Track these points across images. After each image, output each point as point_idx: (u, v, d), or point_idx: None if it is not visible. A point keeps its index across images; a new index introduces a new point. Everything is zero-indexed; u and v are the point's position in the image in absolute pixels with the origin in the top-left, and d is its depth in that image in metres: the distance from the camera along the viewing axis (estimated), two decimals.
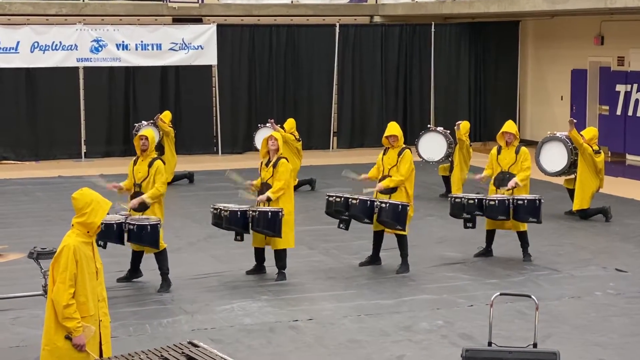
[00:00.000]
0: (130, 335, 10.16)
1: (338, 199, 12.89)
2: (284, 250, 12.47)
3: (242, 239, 12.45)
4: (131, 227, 11.60)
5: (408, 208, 12.61)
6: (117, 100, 24.44)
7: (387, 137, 13.02)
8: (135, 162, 12.12)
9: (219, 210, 12.42)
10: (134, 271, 12.30)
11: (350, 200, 12.75)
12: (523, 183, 13.32)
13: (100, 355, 7.32)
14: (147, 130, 12.31)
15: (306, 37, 25.75)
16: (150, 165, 11.95)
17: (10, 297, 10.39)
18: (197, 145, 24.91)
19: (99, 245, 11.43)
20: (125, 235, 11.65)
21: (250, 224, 12.21)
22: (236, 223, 12.25)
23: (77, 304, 7.19)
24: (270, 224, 12.05)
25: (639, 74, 23.09)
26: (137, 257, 12.24)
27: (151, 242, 11.72)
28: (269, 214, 12.05)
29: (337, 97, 26.01)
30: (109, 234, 11.56)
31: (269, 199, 12.20)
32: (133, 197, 12.00)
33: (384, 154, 13.04)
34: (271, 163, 12.37)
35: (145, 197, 11.83)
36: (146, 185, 11.92)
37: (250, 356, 9.48)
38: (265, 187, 12.37)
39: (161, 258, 11.96)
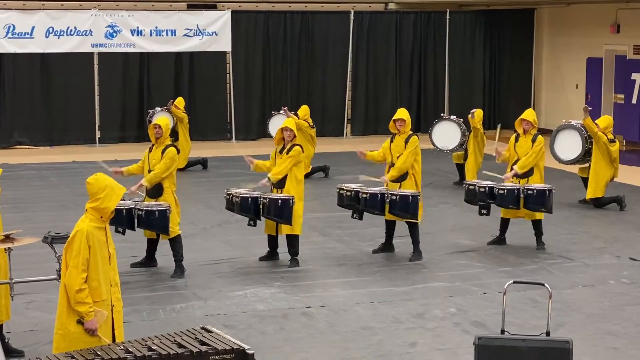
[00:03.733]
0: (144, 321, 10.19)
1: (349, 193, 12.86)
2: (296, 237, 12.48)
3: (255, 224, 12.46)
4: (140, 212, 11.63)
5: (419, 197, 12.60)
6: (132, 86, 24.46)
7: (394, 120, 12.99)
8: (150, 150, 12.15)
9: (231, 195, 12.46)
10: (149, 259, 12.32)
11: (360, 193, 12.72)
12: (522, 171, 13.24)
13: (113, 340, 7.35)
14: (160, 119, 12.29)
15: (320, 23, 25.70)
16: (163, 152, 11.97)
17: (25, 281, 10.40)
18: (211, 131, 24.91)
19: (117, 232, 11.49)
20: (135, 221, 11.68)
21: (261, 211, 12.23)
22: (247, 210, 12.26)
23: (89, 289, 7.22)
24: (280, 211, 12.05)
25: None
26: (152, 245, 12.27)
27: (160, 228, 11.72)
28: (279, 201, 12.05)
29: (351, 84, 25.96)
30: (119, 219, 11.57)
31: (267, 180, 12.25)
32: None
33: (391, 141, 13.03)
34: (285, 150, 12.37)
35: (142, 181, 11.85)
36: None
37: (263, 342, 9.50)
38: None
39: (175, 245, 11.98)
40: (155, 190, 11.92)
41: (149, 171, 11.98)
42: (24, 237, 9.36)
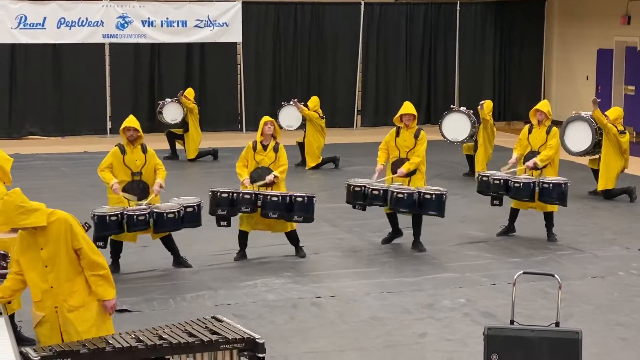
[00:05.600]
0: (154, 310, 10.24)
1: (376, 192, 12.47)
2: (294, 230, 12.48)
3: (229, 225, 12.30)
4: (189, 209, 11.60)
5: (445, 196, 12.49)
6: (142, 77, 24.52)
7: (402, 115, 12.96)
8: (123, 152, 11.76)
9: (252, 195, 12.00)
10: (116, 261, 11.80)
11: (392, 192, 12.38)
12: (543, 163, 13.22)
13: (62, 341, 7.30)
14: (130, 120, 11.91)
15: (331, 15, 25.71)
16: (145, 151, 11.76)
17: None
18: (222, 122, 24.96)
19: (98, 247, 11.23)
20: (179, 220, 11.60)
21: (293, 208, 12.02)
22: (280, 207, 11.92)
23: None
24: (310, 209, 12.04)
25: None
26: (117, 247, 11.79)
27: (194, 223, 11.81)
28: (314, 199, 12.05)
29: (361, 76, 25.97)
30: (164, 224, 11.43)
31: (276, 177, 12.09)
32: (134, 185, 11.67)
33: (397, 135, 12.98)
34: (270, 147, 12.26)
35: (161, 181, 11.64)
36: (146, 171, 11.71)
37: (273, 332, 9.54)
38: (265, 171, 12.16)
39: (171, 242, 11.93)
40: (145, 191, 11.72)
41: (134, 173, 11.67)
42: None
